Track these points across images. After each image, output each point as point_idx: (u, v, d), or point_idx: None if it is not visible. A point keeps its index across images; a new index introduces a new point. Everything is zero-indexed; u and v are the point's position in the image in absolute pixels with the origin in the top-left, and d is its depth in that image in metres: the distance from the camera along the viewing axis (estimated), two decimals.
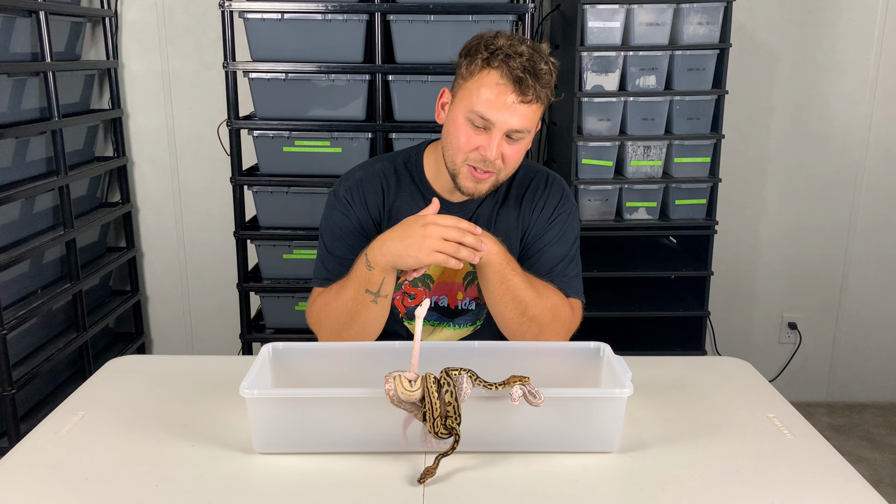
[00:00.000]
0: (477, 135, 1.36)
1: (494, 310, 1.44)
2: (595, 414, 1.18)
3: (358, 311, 1.39)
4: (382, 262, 1.33)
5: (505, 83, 1.32)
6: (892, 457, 2.81)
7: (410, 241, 1.30)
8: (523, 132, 1.37)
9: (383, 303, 1.40)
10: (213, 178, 2.99)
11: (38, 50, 2.43)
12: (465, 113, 1.36)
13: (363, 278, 1.37)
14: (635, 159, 2.56)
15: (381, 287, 1.37)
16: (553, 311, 1.44)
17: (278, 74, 2.45)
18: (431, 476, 1.10)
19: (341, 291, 1.41)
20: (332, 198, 1.53)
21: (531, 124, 1.37)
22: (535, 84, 1.32)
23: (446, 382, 1.12)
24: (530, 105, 1.34)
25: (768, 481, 1.13)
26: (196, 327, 3.19)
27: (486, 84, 1.33)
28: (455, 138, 1.38)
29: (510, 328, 1.45)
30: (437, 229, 1.29)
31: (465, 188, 1.41)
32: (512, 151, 1.38)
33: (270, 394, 1.20)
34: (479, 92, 1.33)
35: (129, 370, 1.53)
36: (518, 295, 1.39)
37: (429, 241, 1.28)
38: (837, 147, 3.01)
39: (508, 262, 1.38)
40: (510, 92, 1.32)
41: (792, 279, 3.15)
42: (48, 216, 2.58)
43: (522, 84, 1.31)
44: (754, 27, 2.89)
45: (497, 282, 1.38)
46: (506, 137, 1.36)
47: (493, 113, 1.33)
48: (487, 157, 1.35)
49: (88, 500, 1.08)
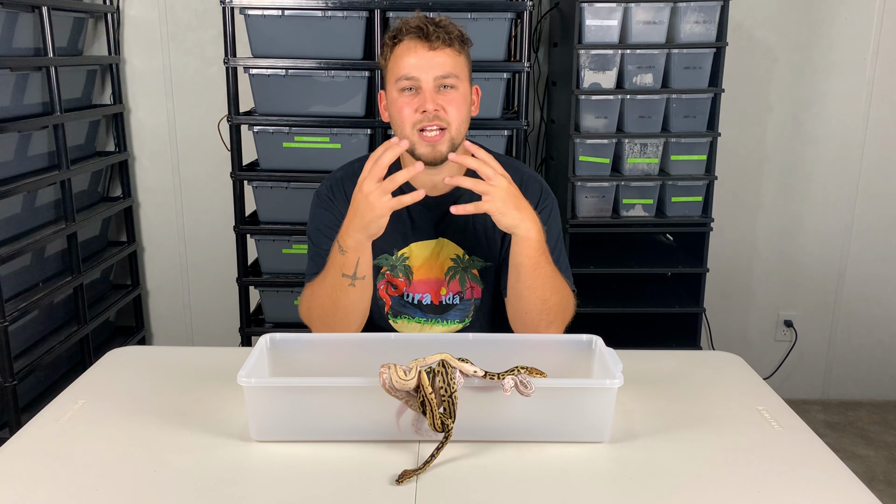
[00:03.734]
0: (412, 98, 1.44)
1: (518, 294, 1.45)
2: (586, 404, 1.20)
3: (338, 296, 1.43)
4: (352, 242, 1.38)
5: (412, 40, 1.43)
6: (886, 454, 2.83)
7: (361, 208, 1.35)
8: (450, 76, 1.43)
9: (361, 285, 1.43)
10: (214, 174, 3.01)
11: (41, 45, 2.45)
12: (395, 86, 1.44)
13: (338, 264, 1.41)
14: (632, 156, 2.58)
15: (357, 268, 1.41)
16: (566, 302, 1.49)
17: (278, 70, 2.47)
18: (409, 478, 1.10)
19: (322, 282, 1.46)
20: (316, 198, 1.60)
21: (455, 68, 1.44)
22: (439, 30, 1.42)
23: (440, 373, 1.14)
24: (444, 49, 1.43)
25: (756, 472, 1.15)
26: (196, 321, 3.21)
27: (400, 54, 1.44)
28: (397, 113, 1.45)
29: (528, 315, 1.46)
30: (368, 182, 1.34)
31: (425, 154, 1.44)
32: (449, 100, 1.44)
33: (267, 382, 1.22)
34: (398, 62, 1.44)
35: (128, 360, 1.55)
36: (546, 283, 1.43)
37: (371, 195, 1.33)
38: (834, 146, 3.03)
39: (545, 248, 1.41)
40: (419, 44, 1.43)
41: (788, 277, 3.17)
42: (50, 210, 2.60)
43: (426, 32, 1.42)
44: (751, 26, 2.90)
45: (531, 265, 1.41)
46: (439, 90, 1.43)
47: (413, 69, 1.42)
48: (428, 111, 1.41)
49: (88, 487, 1.10)
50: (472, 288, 1.59)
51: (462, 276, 1.58)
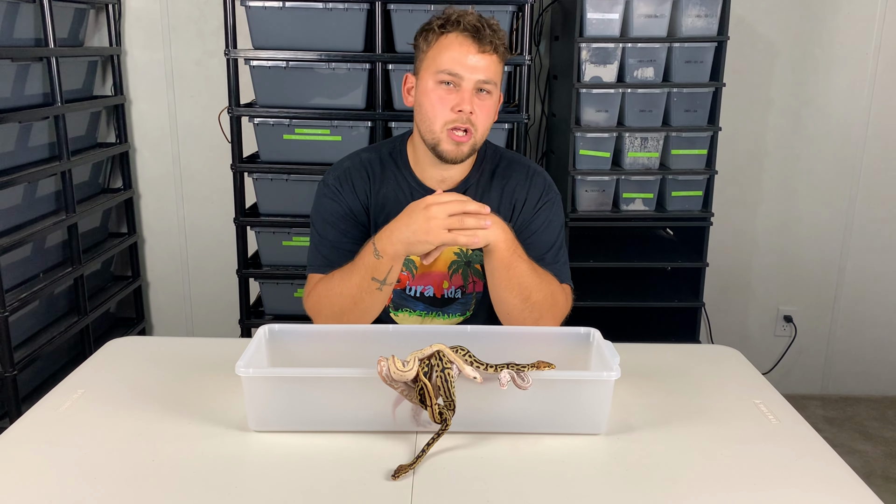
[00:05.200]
0: (449, 94, 1.43)
1: (498, 296, 1.46)
2: (583, 396, 1.20)
3: (362, 297, 1.42)
4: (392, 251, 1.36)
5: (464, 37, 1.41)
6: (885, 449, 2.83)
7: (417, 226, 1.33)
8: (490, 83, 1.43)
9: (387, 290, 1.43)
10: (214, 165, 3.01)
11: (42, 36, 2.44)
12: (434, 77, 1.43)
13: (370, 266, 1.39)
14: (632, 150, 2.58)
15: (388, 275, 1.40)
16: (552, 298, 1.47)
17: (279, 62, 2.47)
18: (405, 473, 1.09)
19: (346, 278, 1.43)
20: (322, 186, 1.58)
21: (496, 76, 1.44)
22: (492, 35, 1.41)
23: (437, 365, 1.14)
24: (491, 55, 1.42)
25: (752, 464, 1.15)
26: (196, 313, 3.21)
27: (447, 45, 1.42)
28: (429, 106, 1.44)
29: (511, 314, 1.47)
30: (439, 208, 1.32)
31: (447, 153, 1.45)
32: (482, 107, 1.44)
33: (265, 373, 1.23)
34: (443, 53, 1.42)
35: (128, 350, 1.56)
36: (523, 281, 1.42)
37: (434, 221, 1.31)
38: (835, 141, 3.02)
39: (515, 248, 1.41)
40: (471, 43, 1.41)
41: (788, 272, 3.17)
42: (50, 201, 2.60)
43: (480, 34, 1.40)
44: (753, 20, 2.90)
45: (503, 268, 1.40)
46: (476, 93, 1.43)
47: (459, 67, 1.41)
48: (465, 111, 1.41)
49: (86, 477, 1.10)
50: (475, 282, 1.59)
51: (465, 270, 1.58)
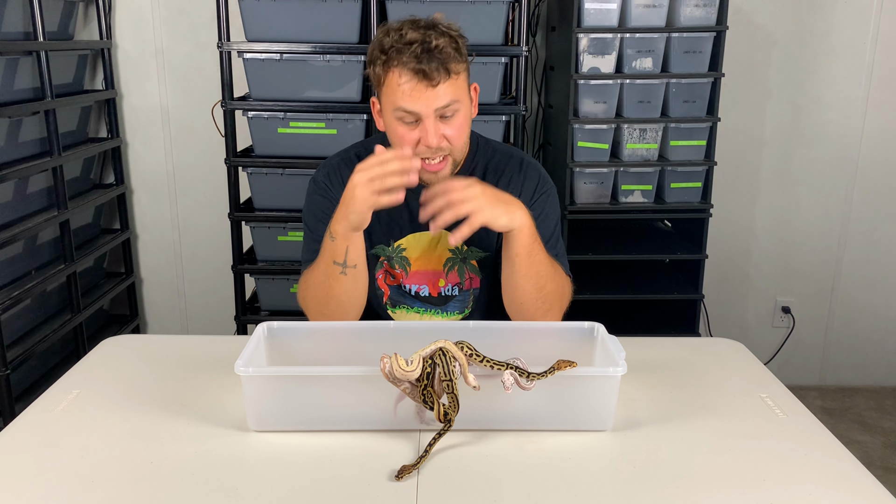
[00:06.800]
0: (412, 130, 1.38)
1: (515, 283, 1.43)
2: (589, 392, 1.19)
3: (331, 284, 1.41)
4: (341, 230, 1.36)
5: (409, 77, 1.35)
6: (883, 440, 2.83)
7: (346, 198, 1.32)
8: (452, 104, 1.38)
9: (353, 274, 1.40)
10: (208, 160, 2.98)
11: (31, 29, 2.41)
12: (393, 114, 1.39)
13: (329, 251, 1.40)
14: (631, 142, 2.56)
15: (347, 256, 1.38)
16: (562, 288, 1.47)
17: (273, 55, 2.43)
18: (409, 473, 1.08)
19: (315, 269, 1.44)
20: (312, 184, 1.57)
21: (456, 95, 1.38)
22: (438, 65, 1.34)
23: (441, 363, 1.12)
24: (446, 80, 1.35)
25: (761, 459, 1.14)
26: (191, 309, 3.19)
27: (394, 84, 1.36)
28: (398, 140, 1.41)
29: (525, 304, 1.44)
30: (359, 175, 1.30)
31: (427, 180, 1.43)
32: (453, 128, 1.40)
33: (265, 372, 1.20)
34: (395, 92, 1.36)
35: (123, 349, 1.53)
36: (541, 269, 1.40)
37: (358, 189, 1.30)
38: (833, 131, 3.01)
39: (536, 234, 1.39)
40: (417, 82, 1.34)
41: (786, 263, 3.16)
42: (42, 197, 2.57)
43: (425, 73, 1.34)
44: (751, 10, 2.88)
45: (526, 254, 1.38)
46: (440, 118, 1.38)
47: (413, 105, 1.36)
48: (431, 145, 1.37)
49: (83, 478, 1.08)
50: (471, 279, 1.57)
51: (461, 267, 1.56)
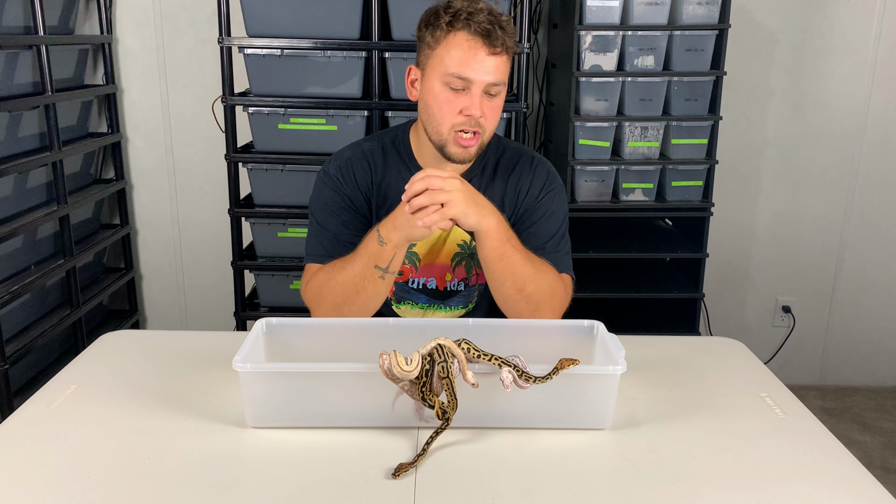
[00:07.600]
0: (457, 97, 1.38)
1: (493, 285, 1.44)
2: (588, 391, 1.18)
3: (364, 286, 1.39)
4: (396, 237, 1.35)
5: (474, 39, 1.35)
6: (883, 440, 2.83)
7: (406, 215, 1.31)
8: (499, 85, 1.39)
9: (389, 279, 1.40)
10: (208, 155, 2.97)
11: (31, 23, 2.40)
12: (441, 79, 1.38)
13: (373, 254, 1.37)
14: (632, 140, 2.55)
15: (391, 263, 1.38)
16: (550, 288, 1.44)
17: (274, 50, 2.43)
18: (405, 471, 1.07)
19: (346, 267, 1.41)
20: (323, 176, 1.54)
21: (505, 76, 1.40)
22: (503, 35, 1.36)
23: (439, 361, 1.11)
24: (501, 56, 1.37)
25: (760, 459, 1.14)
26: (190, 305, 3.18)
27: (455, 45, 1.36)
28: (437, 108, 1.40)
29: (508, 304, 1.45)
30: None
31: (455, 154, 1.42)
32: (491, 108, 1.41)
33: (263, 368, 1.20)
34: (451, 54, 1.36)
35: (122, 344, 1.53)
36: (517, 271, 1.39)
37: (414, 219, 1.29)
38: (835, 130, 3.00)
39: (508, 237, 1.38)
40: (481, 46, 1.35)
41: (787, 263, 3.15)
42: (42, 192, 2.56)
43: (491, 36, 1.35)
44: (753, 8, 2.87)
45: (496, 257, 1.37)
46: (484, 94, 1.38)
47: (469, 70, 1.36)
48: (474, 115, 1.37)
49: (80, 473, 1.08)
50: (478, 274, 1.57)
51: (468, 262, 1.56)
